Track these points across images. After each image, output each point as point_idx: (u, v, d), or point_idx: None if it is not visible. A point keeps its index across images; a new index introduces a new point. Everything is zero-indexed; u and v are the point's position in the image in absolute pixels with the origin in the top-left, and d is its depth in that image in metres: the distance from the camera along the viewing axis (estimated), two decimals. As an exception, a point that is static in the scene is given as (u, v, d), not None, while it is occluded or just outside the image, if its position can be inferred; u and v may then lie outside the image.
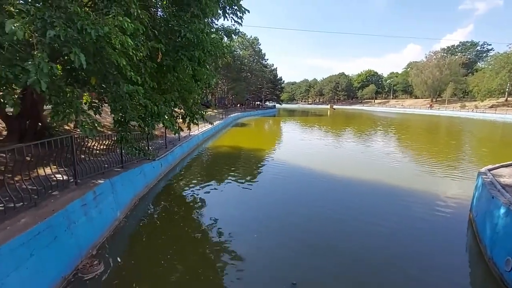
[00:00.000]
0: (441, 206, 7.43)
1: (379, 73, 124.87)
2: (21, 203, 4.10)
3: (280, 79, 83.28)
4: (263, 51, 65.18)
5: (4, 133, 8.96)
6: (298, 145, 18.47)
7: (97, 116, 6.07)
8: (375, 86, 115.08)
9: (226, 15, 7.67)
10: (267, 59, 69.21)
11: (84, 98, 6.35)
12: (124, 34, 4.38)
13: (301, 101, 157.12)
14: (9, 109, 7.02)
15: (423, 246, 5.44)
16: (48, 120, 8.95)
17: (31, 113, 8.24)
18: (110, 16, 4.42)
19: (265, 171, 11.31)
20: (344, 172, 10.84)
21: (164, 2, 6.82)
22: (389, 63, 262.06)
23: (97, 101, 6.40)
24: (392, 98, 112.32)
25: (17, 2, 4.21)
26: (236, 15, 7.77)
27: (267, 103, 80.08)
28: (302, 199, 8.11)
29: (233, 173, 10.60)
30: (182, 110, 8.56)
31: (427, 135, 25.56)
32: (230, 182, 9.49)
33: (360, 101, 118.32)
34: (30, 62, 3.57)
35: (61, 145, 5.26)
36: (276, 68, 77.75)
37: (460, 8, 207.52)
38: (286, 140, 22.11)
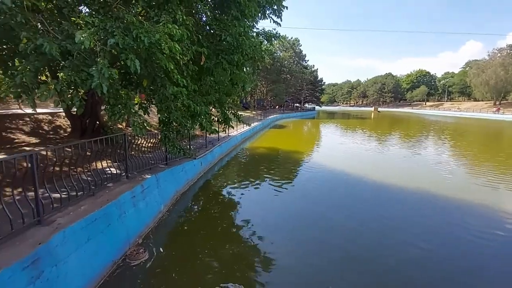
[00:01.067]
0: (503, 221, 6.61)
1: (431, 73, 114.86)
2: (82, 192, 4.66)
3: (321, 80, 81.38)
4: (303, 52, 64.38)
5: (68, 130, 10.22)
6: (337, 149, 17.89)
7: (146, 116, 6.64)
8: (426, 87, 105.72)
9: (266, 15, 7.80)
10: (308, 60, 68.16)
11: (135, 99, 6.97)
12: (172, 40, 4.74)
13: (342, 103, 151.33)
14: (73, 109, 7.99)
15: (479, 264, 4.91)
16: (104, 119, 10.00)
17: (91, 113, 9.27)
18: (161, 23, 4.81)
19: (301, 174, 11.17)
20: (387, 180, 10.19)
21: (207, 7, 7.18)
22: (443, 63, 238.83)
23: (145, 102, 6.99)
24: (447, 101, 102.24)
25: (84, 15, 4.82)
26: (276, 14, 7.84)
27: (306, 105, 78.77)
28: (338, 205, 7.85)
29: (269, 175, 10.67)
30: (218, 112, 8.88)
31: (489, 143, 22.81)
32: (266, 184, 9.57)
33: (409, 103, 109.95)
34: (94, 68, 4.06)
35: (115, 142, 5.87)
36: (317, 69, 76.21)
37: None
38: (325, 143, 21.55)
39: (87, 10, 6.03)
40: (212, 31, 6.88)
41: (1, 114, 9.64)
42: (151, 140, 7.89)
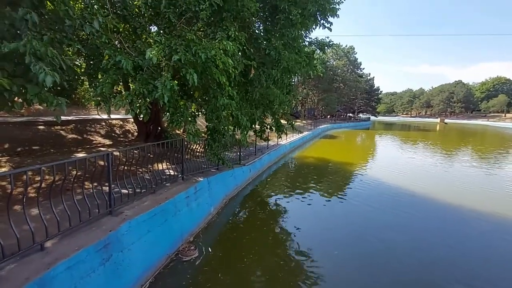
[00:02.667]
0: None
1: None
2: (144, 190, 5.22)
3: (377, 89, 76.65)
4: (358, 60, 61.74)
5: (135, 134, 11.53)
6: (393, 164, 16.48)
7: (199, 123, 7.16)
8: (506, 96, 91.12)
9: (318, 23, 7.78)
10: (363, 68, 65.04)
11: (192, 107, 7.58)
12: (226, 55, 5.09)
13: (402, 114, 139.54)
14: (140, 116, 9.01)
15: None
16: (165, 126, 11.03)
17: (154, 120, 10.34)
18: (217, 40, 5.22)
19: (351, 188, 10.62)
20: (453, 200, 9.07)
21: (259, 19, 7.48)
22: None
23: (195, 111, 7.55)
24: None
25: (153, 34, 5.50)
26: (327, 21, 7.76)
27: (360, 114, 74.89)
28: (391, 223, 7.26)
29: (317, 186, 10.41)
30: (270, 120, 9.06)
31: None
32: (313, 195, 9.36)
33: (484, 114, 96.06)
34: (158, 81, 4.60)
35: (173, 146, 6.46)
36: (373, 77, 72.19)
37: None
38: (379, 157, 20.11)
39: (156, 29, 6.87)
40: (260, 44, 7.13)
41: (84, 119, 11.39)
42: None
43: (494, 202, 8.93)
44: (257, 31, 7.83)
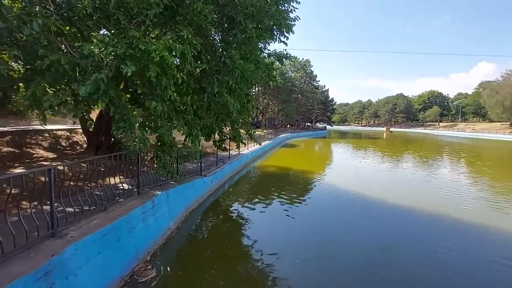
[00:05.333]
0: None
1: (444, 94, 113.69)
2: (94, 207, 4.76)
3: (332, 100, 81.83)
4: (314, 73, 65.44)
5: (85, 146, 10.59)
6: (348, 169, 17.61)
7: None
8: (439, 108, 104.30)
9: (273, 36, 8.04)
10: (319, 81, 69.13)
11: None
12: (169, 53, 4.84)
13: (354, 123, 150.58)
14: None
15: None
16: (119, 136, 10.33)
17: (106, 130, 9.62)
18: (162, 39, 5.02)
19: (311, 194, 11.02)
20: (403, 201, 9.90)
21: (216, 30, 7.48)
22: (455, 84, 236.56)
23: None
24: (461, 121, 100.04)
25: (98, 35, 5.16)
26: (283, 35, 8.05)
27: (317, 124, 78.84)
28: (351, 226, 7.65)
29: (279, 194, 10.57)
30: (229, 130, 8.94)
31: (509, 165, 21.93)
32: (275, 203, 9.47)
33: (422, 124, 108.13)
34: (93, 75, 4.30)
35: (128, 158, 6.03)
36: (328, 89, 77.03)
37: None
38: (336, 163, 21.28)
39: (105, 32, 6.47)
40: (216, 52, 7.10)
41: (22, 130, 10.13)
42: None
43: (432, 197, 9.97)
44: (215, 41, 7.82)
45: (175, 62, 5.00)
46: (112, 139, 10.13)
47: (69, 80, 5.18)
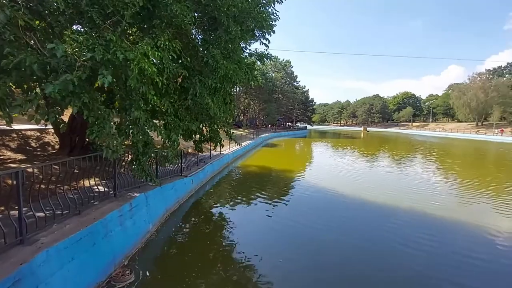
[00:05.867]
0: (490, 240, 6.72)
1: (416, 95, 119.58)
2: (67, 211, 4.53)
3: (312, 100, 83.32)
4: (295, 73, 66.29)
5: (57, 147, 10.05)
6: (328, 168, 18.03)
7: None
8: (412, 108, 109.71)
9: (255, 37, 8.05)
10: (299, 81, 70.21)
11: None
12: (148, 60, 4.67)
13: (333, 123, 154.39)
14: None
15: (468, 283, 4.92)
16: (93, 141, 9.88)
17: (80, 130, 9.19)
18: (140, 45, 4.83)
19: (293, 193, 11.16)
20: (379, 198, 10.28)
21: (198, 30, 7.34)
22: (427, 85, 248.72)
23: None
24: (432, 121, 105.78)
25: (70, 33, 4.88)
26: (264, 37, 8.09)
27: (298, 124, 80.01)
28: (330, 224, 7.83)
29: (261, 194, 10.62)
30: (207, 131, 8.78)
31: (476, 162, 23.41)
32: (257, 203, 9.51)
33: (396, 124, 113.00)
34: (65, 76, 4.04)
35: (104, 159, 5.78)
36: (308, 89, 78.29)
37: (506, 28, 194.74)
38: (316, 162, 21.73)
39: (80, 28, 6.15)
40: (198, 53, 6.97)
41: (-13, 130, 9.44)
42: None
43: (406, 194, 10.45)
44: (195, 40, 7.69)
45: (154, 69, 4.80)
46: (87, 139, 9.69)
47: (38, 80, 4.88)
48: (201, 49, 7.08)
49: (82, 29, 5.41)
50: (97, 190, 5.55)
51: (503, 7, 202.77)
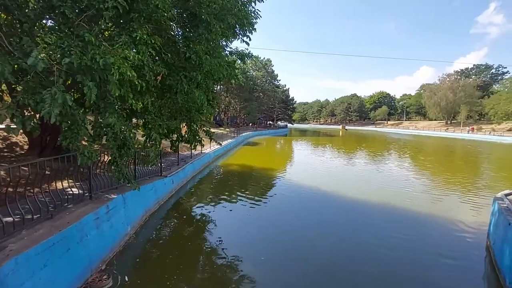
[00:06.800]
0: (458, 231, 7.16)
1: (391, 95, 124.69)
2: (38, 215, 4.28)
3: (292, 99, 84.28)
4: (275, 72, 66.75)
5: (26, 147, 9.45)
6: (308, 166, 18.34)
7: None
8: (387, 107, 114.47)
9: (236, 35, 7.98)
10: (280, 80, 70.72)
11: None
12: (128, 64, 4.49)
13: (313, 121, 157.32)
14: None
15: (438, 274, 5.21)
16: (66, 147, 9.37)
17: (52, 129, 8.69)
18: (117, 45, 4.60)
19: (274, 191, 11.26)
20: (357, 194, 10.65)
21: (178, 25, 7.16)
22: (401, 85, 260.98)
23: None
24: (406, 120, 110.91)
25: (42, 33, 4.54)
26: (245, 34, 8.03)
27: (278, 122, 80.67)
28: (311, 220, 7.99)
29: (242, 193, 10.61)
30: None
31: (445, 158, 24.83)
32: (239, 202, 9.49)
33: (372, 122, 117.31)
34: (47, 92, 3.74)
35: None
36: (288, 88, 79.08)
37: (472, 32, 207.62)
38: (297, 160, 22.04)
39: (51, 23, 5.78)
40: (178, 48, 6.80)
41: None
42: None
43: (382, 189, 10.88)
44: (176, 36, 7.51)
45: (134, 73, 4.56)
46: (59, 139, 9.18)
47: (7, 83, 4.51)
48: (181, 45, 6.92)
49: (55, 25, 5.08)
50: (71, 192, 5.29)
51: (469, 13, 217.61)
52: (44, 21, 5.89)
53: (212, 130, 9.54)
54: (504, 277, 4.67)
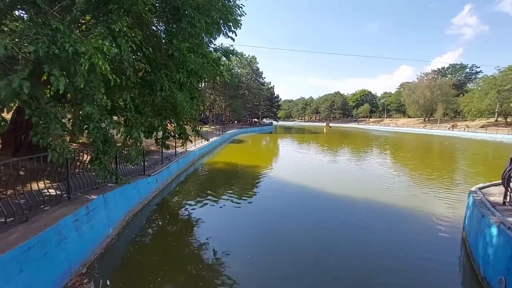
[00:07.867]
0: (435, 225, 7.46)
1: (373, 93, 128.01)
2: (12, 218, 4.07)
3: (277, 96, 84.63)
4: (260, 70, 66.73)
5: (-1, 146, 8.92)
6: (293, 163, 18.52)
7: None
8: (369, 105, 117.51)
9: (221, 31, 7.85)
10: (265, 77, 70.80)
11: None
12: (101, 55, 4.29)
13: (298, 119, 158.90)
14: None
15: (416, 265, 5.42)
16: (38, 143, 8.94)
17: (26, 127, 8.25)
18: (92, 36, 4.40)
19: (260, 188, 11.28)
20: (339, 191, 10.88)
21: (160, 20, 6.97)
22: (382, 84, 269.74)
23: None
24: (386, 117, 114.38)
25: (8, 22, 4.28)
26: (231, 30, 7.91)
27: (264, 120, 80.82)
28: (295, 217, 8.08)
29: (228, 190, 10.56)
30: (174, 127, 8.48)
31: (424, 154, 25.81)
32: (225, 200, 9.43)
33: (355, 119, 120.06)
34: (7, 79, 3.56)
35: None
36: (273, 86, 79.33)
37: (447, 33, 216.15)
38: (282, 157, 22.19)
39: (23, 14, 5.47)
40: (161, 45, 6.60)
41: None
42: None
43: (363, 185, 11.19)
44: (158, 31, 7.30)
45: (107, 66, 4.35)
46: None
47: None
48: (163, 41, 6.74)
49: (26, 16, 4.80)
50: (48, 193, 5.05)
51: (445, 14, 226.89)
52: (16, 12, 5.57)
53: (198, 127, 9.42)
54: (478, 267, 4.93)
